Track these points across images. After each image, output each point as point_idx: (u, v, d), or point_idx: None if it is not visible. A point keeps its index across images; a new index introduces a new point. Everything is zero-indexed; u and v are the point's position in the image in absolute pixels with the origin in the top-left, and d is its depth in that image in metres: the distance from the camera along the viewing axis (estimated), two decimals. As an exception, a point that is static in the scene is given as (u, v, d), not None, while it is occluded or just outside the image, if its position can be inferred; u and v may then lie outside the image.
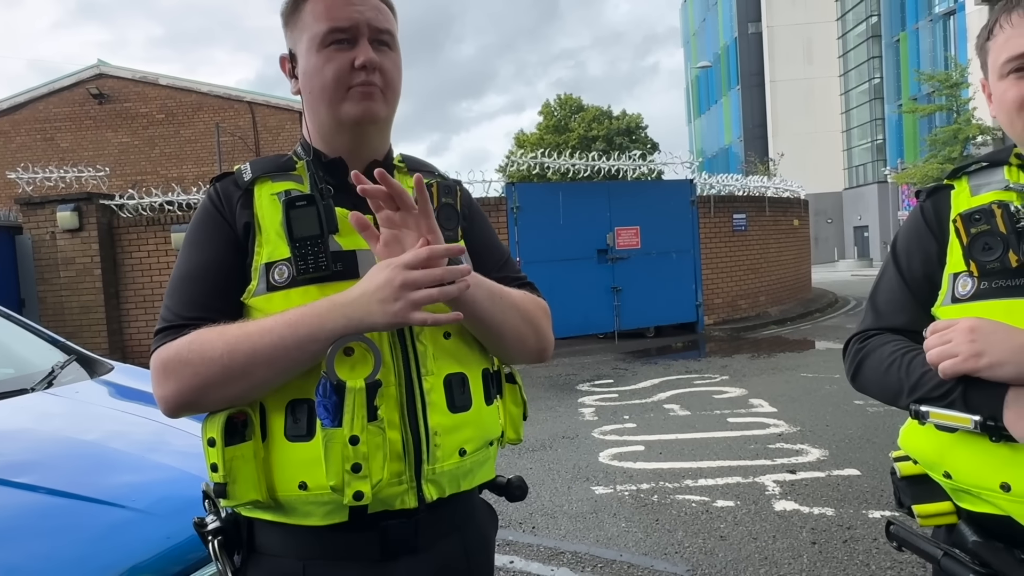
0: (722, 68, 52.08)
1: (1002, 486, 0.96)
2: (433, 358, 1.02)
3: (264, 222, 1.03)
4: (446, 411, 1.02)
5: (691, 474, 4.27)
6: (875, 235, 39.94)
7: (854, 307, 13.77)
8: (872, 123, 41.86)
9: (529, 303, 1.13)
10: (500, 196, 9.72)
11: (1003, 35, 1.03)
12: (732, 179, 12.69)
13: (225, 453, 0.95)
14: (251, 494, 0.96)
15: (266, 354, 0.92)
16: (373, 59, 1.03)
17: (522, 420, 1.18)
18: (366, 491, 0.92)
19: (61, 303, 8.87)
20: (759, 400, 6.10)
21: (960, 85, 24.89)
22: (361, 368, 0.94)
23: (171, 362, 0.96)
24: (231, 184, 1.07)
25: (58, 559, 1.31)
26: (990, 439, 0.95)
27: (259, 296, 1.00)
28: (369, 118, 1.05)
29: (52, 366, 2.26)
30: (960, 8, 29.84)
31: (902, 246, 1.18)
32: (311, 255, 0.98)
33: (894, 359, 1.08)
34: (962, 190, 1.11)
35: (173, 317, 1.01)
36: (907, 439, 1.12)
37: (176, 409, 0.97)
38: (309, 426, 0.95)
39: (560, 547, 3.34)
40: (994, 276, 1.00)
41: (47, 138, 17.88)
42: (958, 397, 0.96)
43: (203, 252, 1.04)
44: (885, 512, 3.51)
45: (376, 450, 0.93)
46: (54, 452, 1.73)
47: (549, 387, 7.20)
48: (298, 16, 1.06)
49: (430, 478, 0.99)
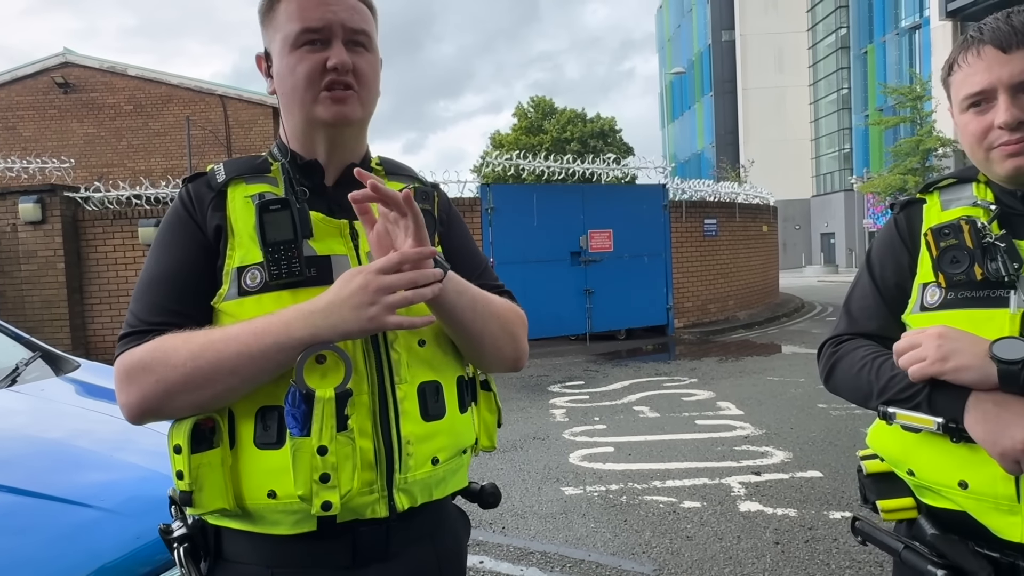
0: (696, 74, 52.74)
1: (960, 484, 1.02)
2: (407, 366, 1.01)
3: (237, 225, 1.01)
4: (419, 420, 1.00)
5: (659, 475, 4.34)
6: (841, 242, 40.81)
7: (820, 312, 14.07)
8: (840, 132, 42.77)
9: (509, 312, 1.13)
10: (475, 196, 9.73)
11: (961, 73, 1.10)
12: (704, 185, 12.88)
13: (191, 460, 0.93)
14: (218, 502, 0.94)
15: (230, 363, 0.91)
16: (346, 61, 1.01)
17: (496, 427, 1.18)
18: (335, 501, 0.91)
19: (22, 297, 8.64)
20: (726, 403, 6.20)
21: (923, 98, 25.56)
22: (332, 376, 0.93)
23: (134, 368, 0.94)
24: (203, 185, 1.05)
25: (24, 558, 1.29)
26: (951, 440, 1.01)
27: (230, 300, 0.98)
28: (342, 121, 1.03)
29: (16, 363, 2.22)
30: (925, 23, 30.67)
31: (876, 256, 1.24)
32: (284, 260, 0.96)
33: (865, 363, 1.13)
34: (933, 204, 1.17)
35: (138, 322, 0.99)
36: (875, 438, 1.18)
37: (139, 416, 0.96)
38: (279, 434, 0.94)
39: (530, 547, 3.37)
40: (960, 287, 1.07)
41: (9, 127, 17.37)
42: (924, 400, 1.02)
43: (171, 255, 1.01)
44: (846, 513, 3.61)
45: (345, 460, 0.92)
46: (18, 450, 1.70)
47: (521, 388, 7.23)
48: (273, 15, 1.05)
49: (402, 487, 0.98)
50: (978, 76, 1.06)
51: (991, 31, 1.06)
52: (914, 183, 24.72)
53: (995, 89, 1.05)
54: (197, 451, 0.93)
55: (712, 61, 50.02)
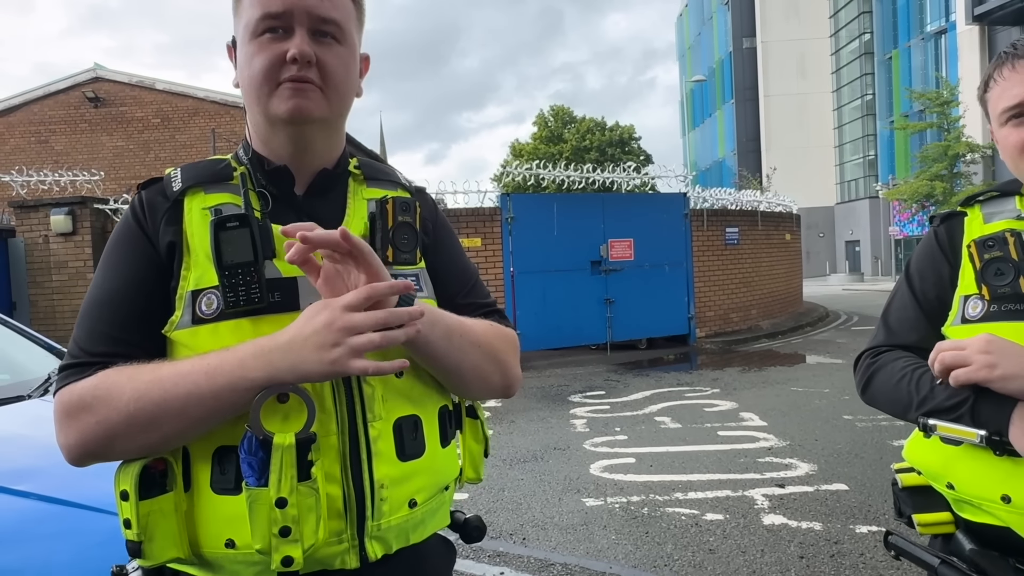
0: (716, 82, 52.47)
1: (1003, 498, 1.00)
2: (382, 400, 0.91)
3: (193, 241, 0.89)
4: (395, 460, 0.91)
5: (681, 487, 4.29)
6: (866, 249, 40.20)
7: (845, 321, 13.86)
8: (864, 139, 42.22)
9: (493, 337, 1.01)
10: (495, 206, 9.75)
11: (998, 88, 1.11)
12: (725, 193, 12.79)
13: (139, 508, 0.84)
14: (170, 552, 0.86)
15: (178, 404, 0.81)
16: (306, 52, 0.89)
17: (483, 457, 1.08)
18: (296, 556, 0.82)
19: (53, 307, 8.84)
20: (749, 414, 6.13)
21: (950, 103, 25.15)
22: (295, 418, 0.83)
23: (72, 408, 0.85)
24: (158, 194, 0.93)
25: (55, 564, 1.33)
26: (994, 453, 0.99)
27: (183, 329, 0.87)
28: (300, 117, 0.91)
29: (48, 373, 2.27)
30: (951, 28, 30.23)
31: (916, 268, 1.23)
32: (242, 285, 0.85)
33: (904, 374, 1.13)
34: (975, 217, 1.17)
35: (80, 353, 0.89)
36: (912, 451, 1.17)
37: (79, 459, 0.86)
38: (237, 479, 0.84)
39: (550, 558, 3.35)
40: (1004, 300, 1.07)
41: (41, 141, 17.83)
42: (967, 411, 1.00)
43: (118, 274, 0.91)
44: (872, 527, 3.54)
45: (308, 512, 0.82)
46: (50, 460, 1.73)
47: (541, 398, 7.22)
48: (240, 1, 0.95)
49: (375, 535, 0.89)
50: (1015, 89, 1.08)
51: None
52: (941, 189, 24.28)
53: None
54: (146, 497, 0.84)
55: (733, 68, 49.74)
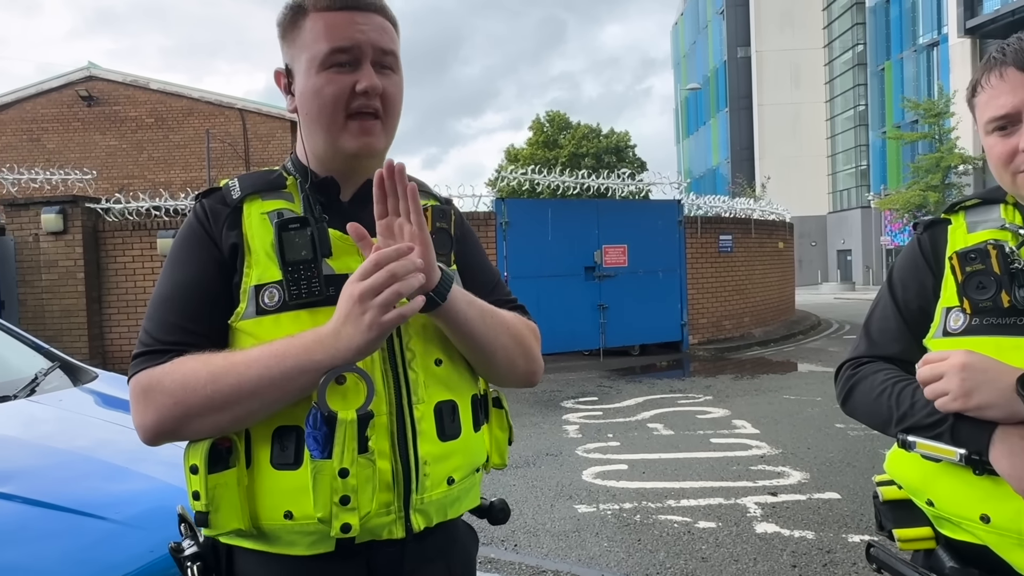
0: (711, 90, 52.73)
1: (982, 517, 0.99)
2: (424, 386, 1.01)
3: (254, 243, 0.99)
4: (436, 440, 1.00)
5: (673, 494, 4.28)
6: (858, 259, 40.41)
7: (836, 330, 13.91)
8: (856, 149, 42.50)
9: (520, 325, 1.12)
10: (490, 211, 9.75)
11: (985, 95, 1.08)
12: (719, 200, 12.85)
13: (208, 481, 0.92)
14: (234, 523, 0.94)
15: (250, 386, 0.90)
16: (376, 84, 0.99)
17: (507, 445, 1.18)
18: (354, 523, 0.91)
19: (42, 306, 8.75)
20: (742, 421, 6.13)
21: (943, 114, 25.33)
22: (353, 398, 0.92)
23: (151, 390, 0.93)
24: (219, 201, 1.03)
25: (39, 570, 1.30)
26: (974, 472, 0.97)
27: (248, 319, 0.97)
28: (367, 152, 1.02)
29: (35, 373, 2.24)
30: (943, 40, 30.50)
31: (898, 277, 1.20)
32: (304, 280, 0.96)
33: (885, 387, 1.10)
34: (959, 225, 1.14)
35: (152, 341, 0.98)
36: (893, 465, 1.15)
37: (155, 438, 0.95)
38: (297, 454, 0.93)
39: (542, 565, 3.33)
40: (985, 314, 1.04)
41: (33, 139, 17.71)
42: (947, 430, 0.99)
43: (186, 272, 1.00)
44: (864, 536, 3.54)
45: (366, 482, 0.92)
46: (35, 461, 1.71)
47: (533, 403, 7.20)
48: (297, 32, 1.02)
49: (418, 508, 0.98)
50: (1002, 99, 1.05)
51: (1014, 52, 1.04)
52: (934, 200, 24.45)
53: (1019, 112, 1.03)
54: (214, 471, 0.93)
55: (728, 77, 50.01)
